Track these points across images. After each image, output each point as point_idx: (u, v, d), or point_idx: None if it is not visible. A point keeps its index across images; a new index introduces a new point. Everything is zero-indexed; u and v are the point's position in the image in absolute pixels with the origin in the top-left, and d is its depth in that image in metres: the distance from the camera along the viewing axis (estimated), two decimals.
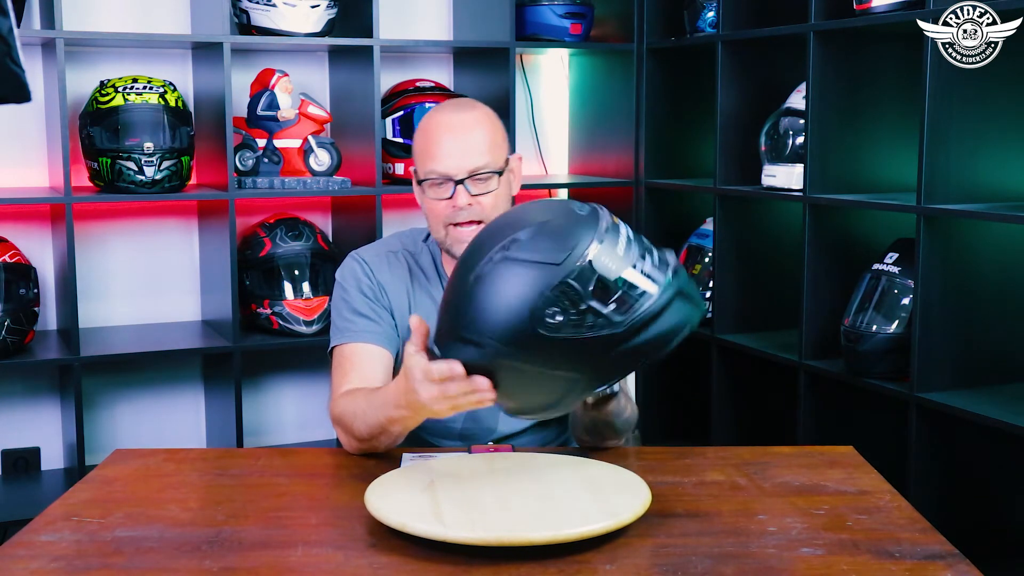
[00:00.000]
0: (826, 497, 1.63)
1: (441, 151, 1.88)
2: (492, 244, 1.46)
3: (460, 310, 1.46)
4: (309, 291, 3.32)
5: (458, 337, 1.46)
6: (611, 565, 1.38)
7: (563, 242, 1.42)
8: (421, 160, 1.92)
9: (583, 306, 1.40)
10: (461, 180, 1.87)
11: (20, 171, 3.31)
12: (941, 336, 2.60)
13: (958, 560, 1.41)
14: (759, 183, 3.14)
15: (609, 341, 1.42)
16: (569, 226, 1.44)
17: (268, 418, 3.65)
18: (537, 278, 1.40)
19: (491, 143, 1.90)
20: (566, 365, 1.44)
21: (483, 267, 1.44)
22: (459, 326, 1.46)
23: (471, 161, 1.87)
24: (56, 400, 3.39)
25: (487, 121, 1.93)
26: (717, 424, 3.33)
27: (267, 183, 3.32)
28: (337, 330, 1.95)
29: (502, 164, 1.92)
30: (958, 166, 2.57)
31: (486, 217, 1.88)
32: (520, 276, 1.42)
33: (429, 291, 1.99)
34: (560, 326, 1.40)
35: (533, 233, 1.44)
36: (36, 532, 1.50)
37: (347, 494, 1.63)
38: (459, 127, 1.90)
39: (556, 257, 1.40)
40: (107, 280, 3.44)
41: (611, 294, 1.41)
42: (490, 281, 1.43)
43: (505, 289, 1.42)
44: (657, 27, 3.55)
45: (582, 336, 1.41)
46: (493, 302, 1.42)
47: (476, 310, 1.44)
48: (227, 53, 3.11)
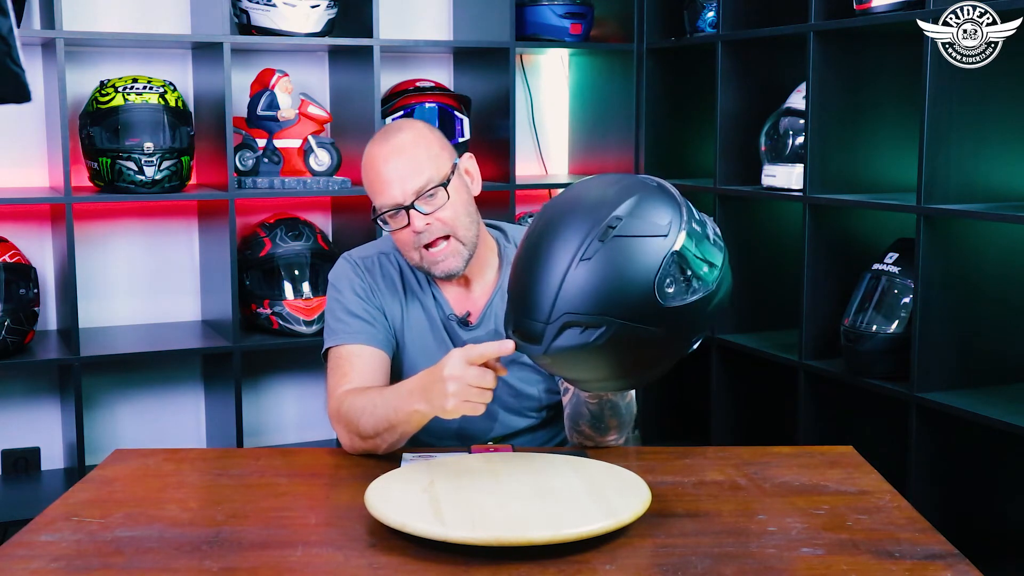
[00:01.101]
0: (826, 497, 1.63)
1: (382, 182, 1.88)
2: (582, 224, 1.50)
3: (568, 295, 1.48)
4: (309, 291, 3.32)
5: (572, 323, 1.48)
6: (611, 565, 1.38)
7: (661, 214, 1.50)
8: (372, 196, 1.92)
9: (688, 272, 1.49)
10: (411, 204, 1.86)
11: (20, 171, 3.31)
12: (941, 336, 2.60)
13: (958, 560, 1.41)
14: (759, 183, 3.14)
15: (706, 301, 1.51)
16: (657, 200, 1.53)
17: (268, 418, 3.65)
18: (652, 251, 1.48)
19: (427, 157, 1.88)
20: (676, 329, 1.50)
21: (587, 250, 1.48)
22: (570, 312, 1.48)
23: (412, 183, 1.86)
24: (56, 400, 3.39)
25: (418, 138, 1.91)
26: (717, 424, 3.33)
27: (267, 183, 3.32)
28: (332, 331, 1.95)
29: (446, 174, 1.89)
30: (958, 166, 2.57)
31: (452, 230, 1.89)
32: (635, 252, 1.47)
33: (420, 293, 1.99)
34: (675, 295, 1.48)
35: (630, 210, 1.50)
36: (36, 532, 1.50)
37: (347, 494, 1.63)
38: (392, 154, 1.89)
39: (662, 229, 1.49)
40: (107, 280, 3.44)
41: (705, 257, 1.52)
42: (602, 261, 1.47)
43: (623, 266, 1.47)
44: (657, 27, 3.55)
45: (690, 301, 1.49)
46: (612, 280, 1.47)
47: (592, 291, 1.47)
48: (227, 53, 3.11)
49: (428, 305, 1.97)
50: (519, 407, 1.97)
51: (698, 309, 1.50)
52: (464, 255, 1.91)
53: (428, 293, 1.98)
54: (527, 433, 1.99)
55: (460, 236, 1.89)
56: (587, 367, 1.54)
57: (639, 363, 1.54)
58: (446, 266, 1.90)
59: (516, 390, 1.96)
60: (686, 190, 3.45)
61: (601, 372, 1.55)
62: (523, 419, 1.99)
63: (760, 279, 3.28)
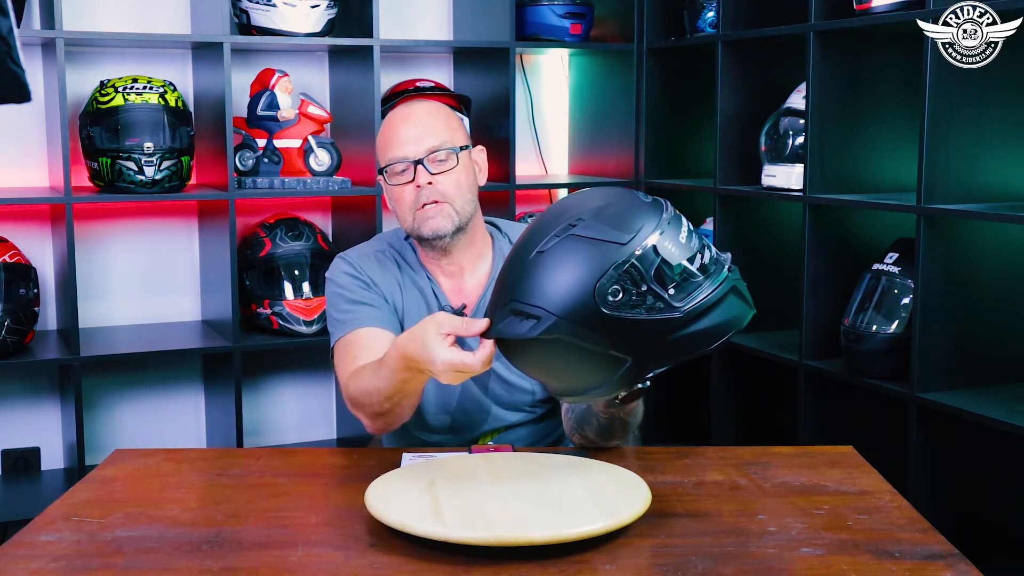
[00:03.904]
0: (826, 497, 1.63)
1: (398, 138, 1.93)
2: (556, 223, 1.49)
3: (519, 283, 1.48)
4: (309, 291, 3.32)
5: (515, 311, 1.48)
6: (611, 565, 1.38)
7: (628, 224, 1.46)
8: (382, 154, 1.97)
9: (644, 287, 1.44)
10: (420, 160, 1.91)
11: (20, 171, 3.31)
12: (941, 336, 2.60)
13: (958, 560, 1.41)
14: (759, 183, 3.14)
15: (665, 325, 1.45)
16: (634, 211, 1.48)
17: (268, 418, 3.65)
18: (602, 256, 1.44)
19: (445, 126, 1.95)
20: (621, 345, 1.46)
21: (547, 243, 1.47)
22: (517, 298, 1.48)
23: (427, 141, 1.92)
24: (56, 400, 3.39)
25: (442, 109, 2.00)
26: (717, 424, 3.33)
27: (267, 183, 3.32)
28: (337, 323, 1.96)
29: (460, 144, 1.95)
30: (958, 166, 2.57)
31: (449, 198, 1.92)
32: (585, 253, 1.45)
33: (417, 283, 2.00)
34: (621, 305, 1.44)
35: (598, 213, 1.48)
36: (36, 532, 1.50)
37: (347, 494, 1.63)
38: (414, 115, 1.96)
39: (621, 237, 1.45)
40: (107, 280, 3.44)
41: (671, 279, 1.45)
42: (554, 256, 1.46)
43: (569, 264, 1.45)
44: (657, 27, 3.55)
45: (641, 318, 1.44)
46: (556, 276, 1.46)
47: (538, 283, 1.46)
48: (227, 53, 3.11)
49: (426, 295, 1.99)
50: (512, 401, 1.98)
51: (655, 331, 1.44)
52: (455, 221, 1.93)
53: (426, 284, 2.00)
54: (523, 427, 2.00)
55: (456, 207, 1.93)
56: (529, 363, 1.54)
57: (580, 373, 1.51)
58: (435, 224, 1.92)
59: (508, 383, 1.96)
60: (686, 190, 3.52)
61: (542, 371, 1.54)
62: (517, 413, 1.99)
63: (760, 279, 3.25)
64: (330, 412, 3.69)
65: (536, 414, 2.00)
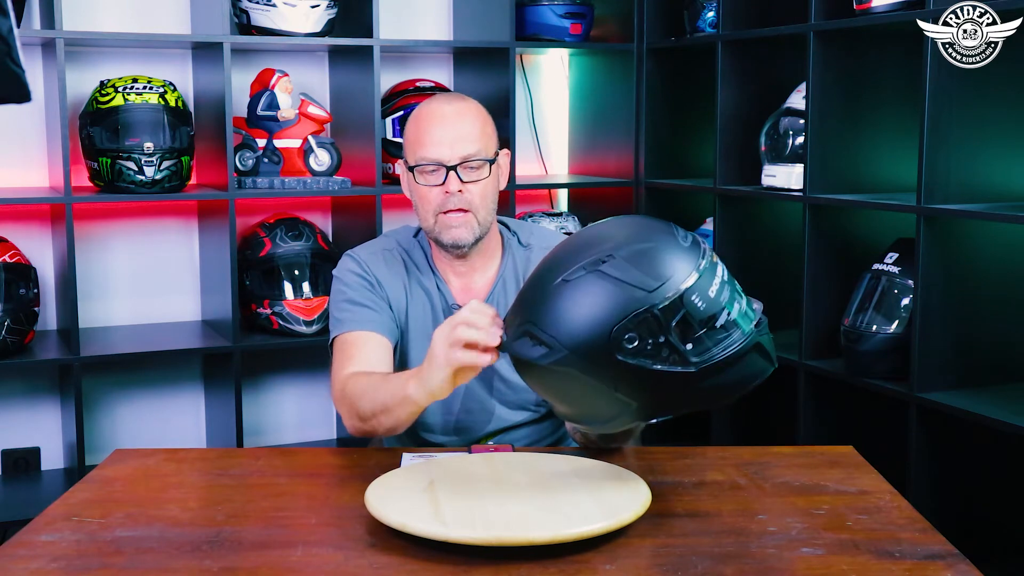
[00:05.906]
0: (826, 497, 1.63)
1: (433, 139, 1.91)
2: (586, 253, 1.45)
3: (538, 308, 1.46)
4: (309, 291, 3.32)
5: (529, 333, 1.46)
6: (611, 565, 1.38)
7: (659, 270, 1.41)
8: (413, 148, 1.95)
9: (662, 338, 1.40)
10: (454, 166, 1.90)
11: (20, 171, 3.31)
12: (941, 336, 2.60)
13: (958, 560, 1.40)
14: (759, 183, 3.14)
15: (677, 379, 1.41)
16: (669, 255, 1.42)
17: (268, 418, 3.65)
18: (625, 300, 1.40)
19: (482, 132, 1.94)
20: (628, 391, 1.44)
21: (573, 273, 1.44)
22: (533, 323, 1.46)
23: (463, 148, 1.90)
24: (56, 400, 3.39)
25: (478, 112, 1.97)
26: (717, 424, 3.33)
27: (267, 183, 3.32)
28: (337, 321, 1.96)
29: (493, 153, 1.95)
30: (958, 166, 2.57)
31: (475, 208, 1.92)
32: (608, 293, 1.41)
33: (424, 284, 2.00)
34: (635, 352, 1.40)
35: (632, 254, 1.42)
36: (36, 532, 1.50)
37: (347, 494, 1.63)
38: (451, 116, 1.94)
39: (649, 284, 1.40)
40: (107, 280, 3.44)
41: (693, 333, 1.40)
42: (577, 289, 1.43)
43: (591, 301, 1.41)
44: (657, 27, 3.55)
45: (652, 368, 1.40)
46: (575, 310, 1.42)
47: (556, 313, 1.43)
48: (227, 53, 3.11)
49: (432, 293, 1.99)
50: (516, 400, 1.98)
51: (665, 383, 1.41)
52: (476, 232, 1.93)
53: (432, 282, 2.00)
54: (527, 426, 2.00)
55: (479, 217, 1.93)
56: (536, 382, 1.52)
57: (585, 404, 1.49)
58: (457, 233, 1.92)
59: (512, 383, 1.96)
60: (686, 190, 3.52)
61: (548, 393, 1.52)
62: (522, 412, 1.99)
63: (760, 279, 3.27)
64: (330, 412, 3.69)
65: (540, 412, 2.01)
